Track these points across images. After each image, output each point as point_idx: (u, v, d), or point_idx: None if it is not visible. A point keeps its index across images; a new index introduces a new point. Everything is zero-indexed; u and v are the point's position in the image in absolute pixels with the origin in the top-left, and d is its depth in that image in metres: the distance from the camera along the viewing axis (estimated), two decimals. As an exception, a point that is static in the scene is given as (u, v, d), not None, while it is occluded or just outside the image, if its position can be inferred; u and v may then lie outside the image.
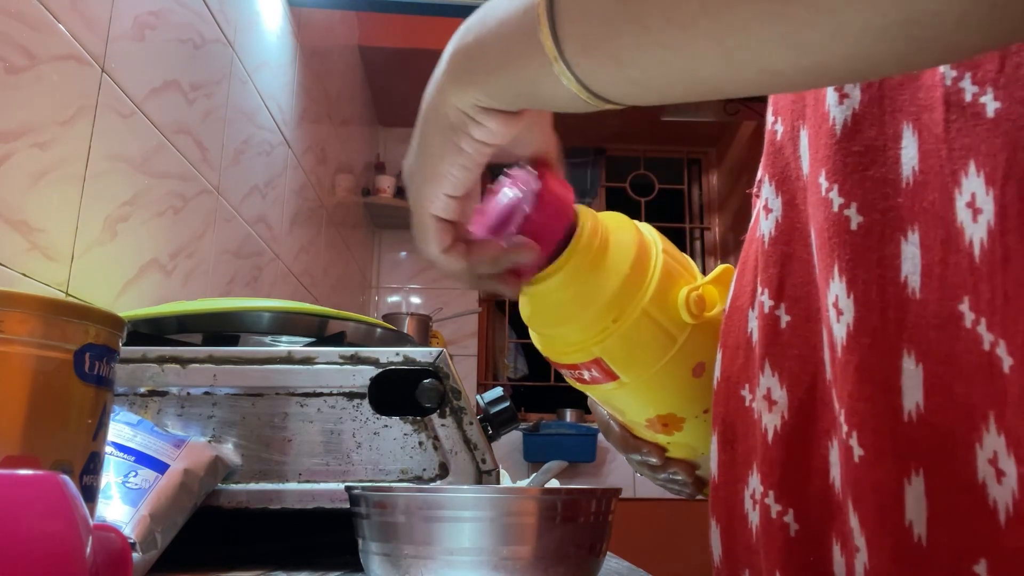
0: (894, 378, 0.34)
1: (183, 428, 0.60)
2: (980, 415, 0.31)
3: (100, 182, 0.88)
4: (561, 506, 0.41)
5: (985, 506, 0.30)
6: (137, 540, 0.46)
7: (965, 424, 0.31)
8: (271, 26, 1.59)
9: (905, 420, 0.33)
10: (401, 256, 3.22)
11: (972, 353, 0.31)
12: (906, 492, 0.32)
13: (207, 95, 1.22)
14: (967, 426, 0.31)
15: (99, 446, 0.40)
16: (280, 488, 0.60)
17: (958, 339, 0.32)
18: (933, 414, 0.32)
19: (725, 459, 0.45)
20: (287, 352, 0.62)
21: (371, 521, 0.42)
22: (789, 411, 0.40)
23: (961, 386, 0.32)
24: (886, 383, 0.34)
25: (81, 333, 0.39)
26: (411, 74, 2.83)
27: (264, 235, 1.55)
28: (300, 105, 1.83)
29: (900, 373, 0.33)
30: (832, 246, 0.37)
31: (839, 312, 0.36)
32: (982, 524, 0.30)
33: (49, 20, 0.77)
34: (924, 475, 0.32)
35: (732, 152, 3.39)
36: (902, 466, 0.33)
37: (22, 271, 0.74)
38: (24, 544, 0.27)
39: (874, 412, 0.34)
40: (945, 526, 0.31)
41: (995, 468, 0.30)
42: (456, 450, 0.61)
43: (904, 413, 0.33)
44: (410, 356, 0.62)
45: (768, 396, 0.41)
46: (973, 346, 0.31)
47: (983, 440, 0.31)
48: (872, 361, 0.34)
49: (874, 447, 0.34)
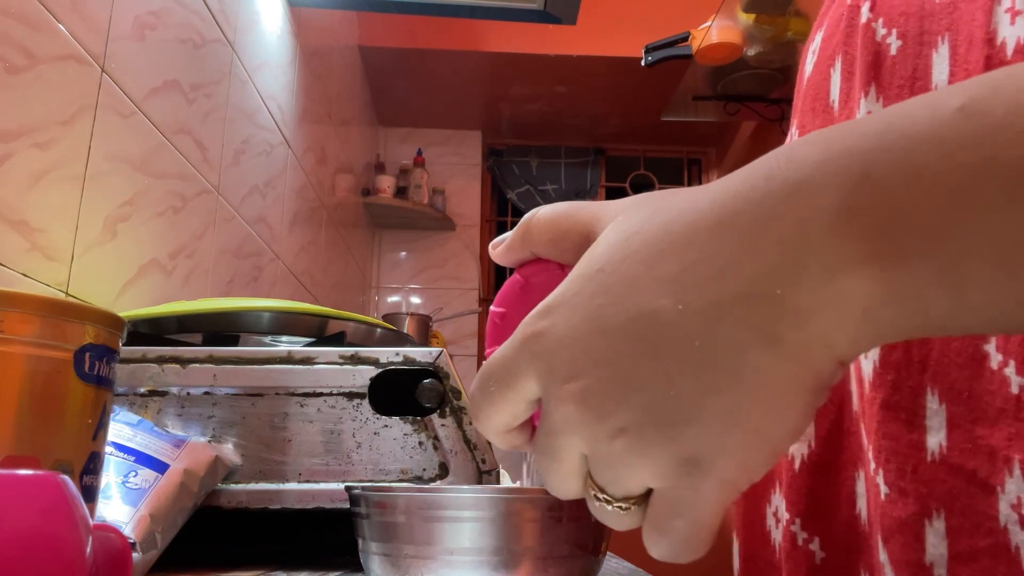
0: (919, 417, 0.33)
1: (183, 428, 0.60)
2: (1003, 459, 0.30)
3: (100, 182, 0.88)
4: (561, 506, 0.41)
5: (1007, 551, 0.29)
6: (137, 540, 0.46)
7: (987, 467, 0.30)
8: (271, 26, 1.59)
9: (928, 460, 0.32)
10: (401, 256, 3.22)
11: (997, 395, 0.30)
12: (927, 532, 0.32)
13: (207, 95, 1.22)
14: (989, 469, 0.30)
15: (99, 446, 0.40)
16: (280, 488, 0.60)
17: (982, 379, 0.31)
18: (955, 455, 0.31)
19: None
20: (287, 352, 0.62)
21: (371, 521, 0.42)
22: (816, 440, 0.39)
23: (983, 428, 0.31)
24: (911, 421, 0.33)
25: (81, 333, 0.39)
26: (411, 74, 2.85)
27: (264, 235, 1.55)
28: (300, 105, 1.83)
29: (925, 411, 0.32)
30: None
31: None
32: (1003, 569, 0.29)
33: (49, 20, 0.77)
34: (945, 516, 0.31)
35: (732, 152, 3.39)
36: (924, 506, 0.32)
37: (22, 271, 0.74)
38: (24, 544, 0.27)
39: (898, 450, 0.33)
40: (965, 569, 0.30)
41: (1018, 514, 0.29)
42: (456, 450, 0.61)
43: (928, 452, 0.32)
44: (410, 356, 0.62)
45: None
46: (999, 387, 0.30)
47: (1005, 484, 0.30)
48: (896, 398, 0.33)
49: (897, 486, 0.33)
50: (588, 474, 0.28)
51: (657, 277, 0.25)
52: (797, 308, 0.23)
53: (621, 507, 0.27)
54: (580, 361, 0.26)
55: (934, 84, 0.34)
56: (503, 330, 0.34)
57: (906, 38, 0.36)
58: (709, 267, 0.24)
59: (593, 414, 0.26)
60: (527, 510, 0.41)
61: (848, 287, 0.22)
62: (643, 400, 0.25)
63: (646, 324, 0.25)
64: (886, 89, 0.36)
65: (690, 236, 0.25)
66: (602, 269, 0.27)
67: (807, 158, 0.23)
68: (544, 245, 0.32)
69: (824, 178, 0.23)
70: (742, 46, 2.21)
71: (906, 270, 0.22)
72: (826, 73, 0.41)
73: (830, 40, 0.42)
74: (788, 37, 2.17)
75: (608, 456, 0.26)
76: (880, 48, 0.37)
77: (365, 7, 1.93)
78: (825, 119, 0.41)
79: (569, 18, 1.74)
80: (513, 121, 3.27)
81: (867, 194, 0.22)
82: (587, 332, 0.26)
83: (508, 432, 0.31)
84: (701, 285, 0.24)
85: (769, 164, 0.24)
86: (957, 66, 0.33)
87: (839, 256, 0.22)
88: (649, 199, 0.28)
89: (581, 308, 0.27)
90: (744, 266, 0.24)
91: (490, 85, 2.97)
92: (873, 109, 0.37)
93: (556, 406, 0.27)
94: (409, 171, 3.07)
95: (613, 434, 0.26)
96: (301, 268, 1.87)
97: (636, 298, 0.25)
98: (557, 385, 0.27)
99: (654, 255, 0.26)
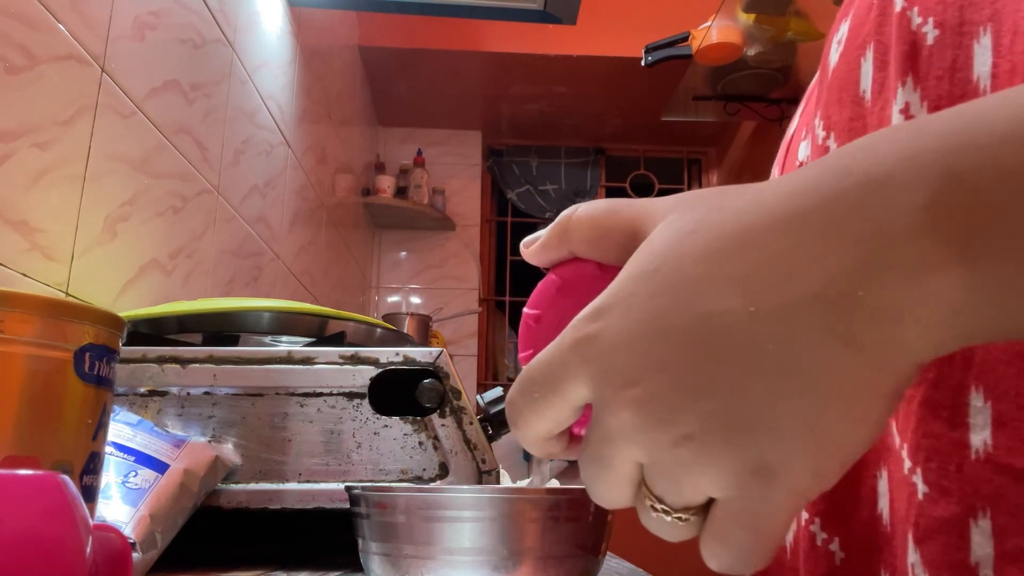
0: (962, 415, 0.32)
1: (183, 428, 0.60)
2: None
3: (100, 182, 0.88)
4: (561, 506, 0.41)
5: None
6: (137, 540, 0.46)
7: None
8: (271, 26, 1.59)
9: (972, 458, 0.31)
10: (401, 256, 3.22)
11: None
12: (972, 532, 0.31)
13: (207, 95, 1.22)
14: None
15: (99, 446, 0.40)
16: (280, 488, 0.60)
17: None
18: (1002, 453, 0.31)
19: None
20: (287, 352, 0.62)
21: (371, 521, 0.42)
22: None
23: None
24: (953, 420, 0.32)
25: (81, 333, 0.39)
26: (411, 74, 2.85)
27: (264, 235, 1.55)
28: (300, 105, 1.83)
29: (968, 409, 0.32)
30: None
31: None
32: None
33: (49, 20, 0.77)
34: (991, 516, 0.31)
35: (732, 152, 3.39)
36: (969, 505, 0.31)
37: (22, 271, 0.74)
38: (24, 544, 0.27)
39: (940, 449, 0.32)
40: (1013, 568, 0.30)
41: None
42: (456, 450, 0.61)
43: (972, 451, 0.31)
44: (410, 356, 0.62)
45: None
46: None
47: None
48: (938, 396, 0.33)
49: (939, 485, 0.32)
50: (643, 484, 0.27)
51: (723, 277, 0.24)
52: (879, 310, 0.22)
53: (680, 518, 0.26)
54: (639, 365, 0.25)
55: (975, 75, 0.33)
56: (539, 333, 0.33)
57: (944, 27, 0.35)
58: (782, 266, 0.23)
59: (655, 421, 0.25)
60: (527, 510, 0.41)
61: (935, 289, 0.22)
62: (710, 406, 0.24)
63: (713, 327, 0.24)
64: (923, 80, 0.35)
65: (758, 234, 0.24)
66: (658, 269, 0.26)
67: (888, 154, 0.23)
68: (584, 244, 0.31)
69: (908, 175, 0.22)
70: (742, 46, 2.21)
71: (994, 272, 0.21)
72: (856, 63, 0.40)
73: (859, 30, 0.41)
74: (788, 37, 2.17)
75: (671, 465, 0.25)
76: (916, 38, 0.36)
77: (365, 7, 1.93)
78: (854, 110, 0.40)
79: (569, 18, 1.74)
80: (513, 121, 3.27)
81: (955, 193, 0.21)
82: (646, 335, 0.25)
83: (548, 440, 0.30)
84: (773, 285, 0.23)
85: (843, 161, 0.23)
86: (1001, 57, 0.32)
87: (926, 256, 0.21)
88: (701, 197, 0.27)
89: (637, 309, 0.25)
90: (821, 265, 0.23)
91: (490, 85, 2.97)
92: (911, 100, 0.36)
93: (613, 412, 0.26)
94: (409, 171, 3.07)
95: (676, 442, 0.25)
96: (301, 268, 1.87)
97: (701, 299, 0.24)
98: (613, 391, 0.26)
99: (717, 254, 0.24)
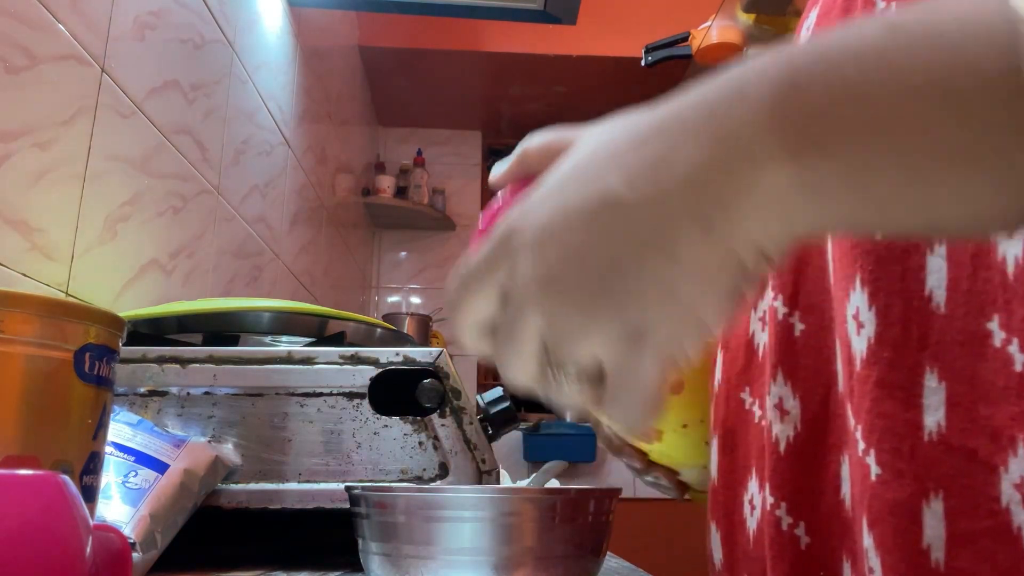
0: (916, 395, 0.32)
1: (183, 428, 0.60)
2: (1006, 437, 0.30)
3: (100, 182, 0.88)
4: (561, 506, 0.41)
5: (1008, 532, 0.29)
6: (137, 540, 0.46)
7: (989, 446, 0.30)
8: (271, 26, 1.59)
9: (926, 440, 0.32)
10: (401, 256, 3.22)
11: (1000, 374, 0.30)
12: (924, 514, 0.31)
13: (207, 95, 1.22)
14: (991, 448, 0.30)
15: (99, 446, 0.40)
16: (280, 488, 0.60)
17: (984, 358, 0.31)
18: (955, 434, 0.31)
19: (725, 464, 0.44)
20: (287, 352, 0.62)
21: (371, 521, 0.42)
22: (802, 423, 0.39)
23: (985, 407, 0.30)
24: (907, 400, 0.32)
25: (81, 333, 0.39)
26: (411, 74, 2.84)
27: (264, 235, 1.55)
28: (300, 105, 1.83)
29: (922, 390, 0.32)
30: (854, 256, 0.35)
31: (860, 324, 0.35)
32: (1004, 551, 0.29)
33: (49, 20, 0.77)
34: (944, 497, 0.31)
35: (732, 152, 3.39)
36: (921, 487, 0.32)
37: (22, 271, 0.74)
38: (24, 544, 0.27)
39: (893, 429, 0.33)
40: (965, 551, 0.30)
41: (1021, 493, 0.29)
42: (456, 450, 0.61)
43: (925, 432, 0.32)
44: (410, 356, 0.62)
45: (780, 406, 0.40)
46: (1001, 366, 0.30)
47: (1008, 463, 0.29)
48: (893, 376, 0.33)
49: (892, 466, 0.32)
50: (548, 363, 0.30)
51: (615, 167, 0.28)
52: (726, 197, 0.26)
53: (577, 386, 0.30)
54: (546, 244, 0.28)
55: None
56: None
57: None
58: (657, 154, 0.27)
59: (553, 291, 0.28)
60: (527, 510, 0.41)
61: (768, 180, 0.25)
62: (595, 277, 0.28)
63: (599, 202, 0.28)
64: None
65: (649, 136, 0.28)
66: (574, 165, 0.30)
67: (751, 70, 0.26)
68: (538, 165, 0.34)
69: (763, 85, 0.25)
70: (742, 46, 2.21)
71: (817, 167, 0.24)
72: None
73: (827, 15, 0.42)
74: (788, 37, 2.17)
75: (565, 332, 0.29)
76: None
77: (365, 7, 1.93)
78: None
79: (569, 18, 1.74)
80: (513, 121, 3.27)
81: (793, 99, 0.25)
82: (551, 215, 0.29)
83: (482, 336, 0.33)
84: (648, 170, 0.27)
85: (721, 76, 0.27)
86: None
87: (764, 153, 0.25)
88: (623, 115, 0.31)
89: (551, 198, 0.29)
90: (687, 156, 0.26)
91: (490, 85, 2.97)
92: None
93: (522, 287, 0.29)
94: (409, 171, 3.07)
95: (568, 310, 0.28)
96: (301, 268, 1.87)
97: (594, 180, 0.28)
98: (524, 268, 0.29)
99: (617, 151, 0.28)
